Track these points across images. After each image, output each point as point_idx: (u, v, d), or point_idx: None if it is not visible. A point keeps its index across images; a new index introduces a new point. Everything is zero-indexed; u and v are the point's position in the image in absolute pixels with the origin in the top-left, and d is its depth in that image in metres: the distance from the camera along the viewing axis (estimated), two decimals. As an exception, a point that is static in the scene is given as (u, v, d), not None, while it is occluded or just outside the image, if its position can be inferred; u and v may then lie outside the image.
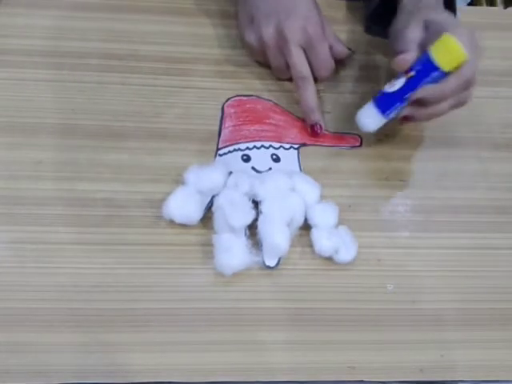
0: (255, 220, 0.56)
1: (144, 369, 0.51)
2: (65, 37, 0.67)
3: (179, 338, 0.53)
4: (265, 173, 0.60)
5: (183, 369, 0.52)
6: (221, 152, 0.62)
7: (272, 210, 0.56)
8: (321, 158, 0.63)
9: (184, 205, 0.56)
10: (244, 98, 0.65)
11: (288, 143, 0.63)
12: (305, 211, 0.57)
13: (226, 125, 0.63)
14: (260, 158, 0.61)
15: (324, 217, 0.57)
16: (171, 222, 0.57)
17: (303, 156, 0.63)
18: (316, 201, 0.58)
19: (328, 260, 0.57)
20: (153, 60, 0.66)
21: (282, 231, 0.55)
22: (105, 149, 0.61)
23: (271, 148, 0.62)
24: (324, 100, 0.66)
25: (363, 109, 0.59)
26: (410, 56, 0.56)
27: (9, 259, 0.54)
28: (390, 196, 0.62)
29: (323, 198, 0.59)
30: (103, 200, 0.58)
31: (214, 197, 0.57)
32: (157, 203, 0.57)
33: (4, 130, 0.60)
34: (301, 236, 0.58)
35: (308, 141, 0.63)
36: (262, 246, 0.55)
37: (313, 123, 0.63)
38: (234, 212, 0.55)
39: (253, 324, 0.54)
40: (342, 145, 0.64)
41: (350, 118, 0.64)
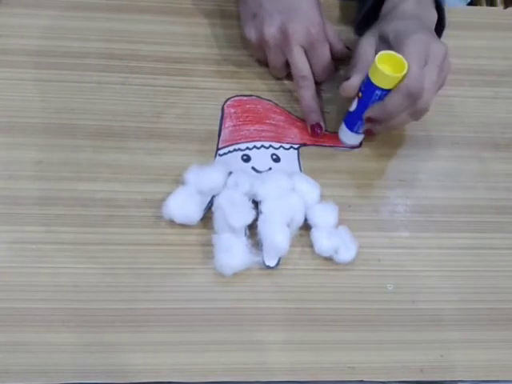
0: (255, 220, 0.56)
1: (144, 369, 0.51)
2: (65, 37, 0.67)
3: (179, 338, 0.53)
4: (265, 173, 0.60)
5: (183, 369, 0.52)
6: (221, 152, 0.62)
7: (272, 210, 0.56)
8: (321, 158, 0.63)
9: (184, 205, 0.56)
10: (244, 98, 0.65)
11: (288, 143, 0.63)
12: (305, 211, 0.57)
13: (226, 125, 0.63)
14: (260, 158, 0.61)
15: (324, 217, 0.57)
16: (171, 222, 0.57)
17: (303, 156, 0.63)
18: (316, 201, 0.58)
19: (328, 260, 0.57)
20: (153, 60, 0.66)
21: (282, 231, 0.55)
22: (105, 149, 0.61)
23: (271, 148, 0.62)
24: (324, 100, 0.66)
25: (340, 127, 0.63)
26: (355, 81, 0.58)
27: (9, 259, 0.54)
28: (390, 196, 0.62)
29: (323, 198, 0.59)
30: (103, 200, 0.58)
31: (214, 197, 0.57)
32: (157, 203, 0.57)
33: (4, 130, 0.60)
34: (301, 236, 0.58)
35: (308, 141, 0.63)
36: (262, 246, 0.55)
37: (313, 123, 0.63)
38: (234, 212, 0.55)
39: (253, 324, 0.54)
40: (342, 145, 0.64)
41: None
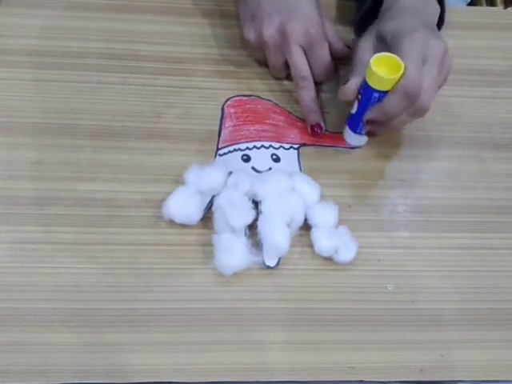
0: (255, 220, 0.56)
1: (144, 369, 0.51)
2: (65, 37, 0.67)
3: (179, 338, 0.53)
4: (265, 173, 0.60)
5: (183, 369, 0.52)
6: (221, 152, 0.61)
7: (272, 210, 0.56)
8: (321, 158, 0.63)
9: (184, 205, 0.56)
10: (244, 98, 0.65)
11: (288, 143, 0.63)
12: (305, 211, 0.57)
13: (226, 125, 0.63)
14: (260, 158, 0.61)
15: (324, 217, 0.57)
16: (171, 222, 0.57)
17: (303, 156, 0.63)
18: (316, 201, 0.58)
19: (328, 260, 0.57)
20: (153, 60, 0.66)
21: (282, 231, 0.55)
22: (105, 149, 0.61)
23: (271, 148, 0.62)
24: (324, 100, 0.66)
25: (344, 128, 0.63)
26: (352, 84, 0.57)
27: (9, 259, 0.54)
28: (390, 196, 0.62)
29: (323, 198, 0.59)
30: (103, 200, 0.58)
31: (214, 197, 0.57)
32: (157, 203, 0.57)
33: (4, 130, 0.60)
34: (301, 236, 0.58)
35: (308, 141, 0.63)
36: (262, 246, 0.55)
37: (313, 123, 0.63)
38: (234, 212, 0.55)
39: (253, 324, 0.54)
40: (342, 145, 0.64)
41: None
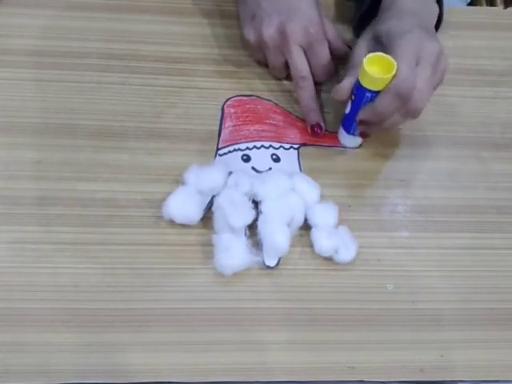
0: (255, 220, 0.56)
1: (144, 369, 0.51)
2: (65, 37, 0.67)
3: (179, 338, 0.53)
4: (265, 173, 0.60)
5: (183, 369, 0.52)
6: (221, 152, 0.61)
7: (272, 210, 0.56)
8: (321, 158, 0.63)
9: (184, 205, 0.56)
10: (244, 98, 0.65)
11: (288, 143, 0.63)
12: (305, 211, 0.57)
13: (226, 125, 0.63)
14: (260, 158, 0.61)
15: (324, 217, 0.57)
16: (171, 222, 0.57)
17: (303, 156, 0.63)
18: (316, 201, 0.58)
19: (328, 260, 0.57)
20: (153, 60, 0.66)
21: (282, 231, 0.55)
22: (105, 149, 0.61)
23: (271, 148, 0.62)
24: (324, 100, 0.66)
25: (339, 130, 0.63)
26: (346, 84, 0.57)
27: (9, 259, 0.54)
28: (390, 196, 0.62)
29: (323, 198, 0.59)
30: (103, 200, 0.58)
31: (214, 197, 0.57)
32: (157, 203, 0.57)
33: (4, 130, 0.60)
34: (301, 236, 0.58)
35: (308, 141, 0.63)
36: (262, 246, 0.55)
37: (313, 123, 0.63)
38: (234, 212, 0.55)
39: (253, 324, 0.54)
40: (341, 146, 0.64)
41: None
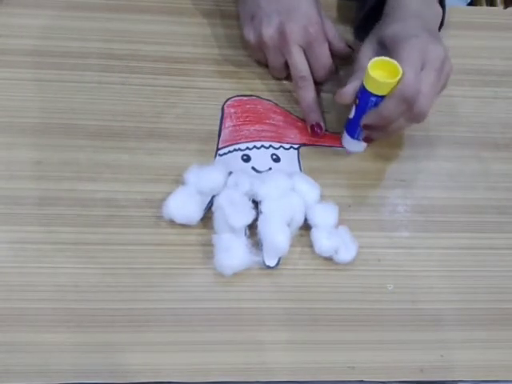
0: (255, 220, 0.56)
1: (144, 369, 0.51)
2: (65, 37, 0.67)
3: (179, 338, 0.53)
4: (265, 173, 0.60)
5: (183, 369, 0.52)
6: (221, 152, 0.61)
7: (272, 210, 0.56)
8: (321, 158, 0.63)
9: (184, 205, 0.56)
10: (244, 98, 0.65)
11: (288, 143, 0.63)
12: (305, 211, 0.57)
13: (226, 125, 0.63)
14: (260, 158, 0.61)
15: (324, 217, 0.57)
16: (171, 222, 0.57)
17: (303, 156, 0.63)
18: (316, 201, 0.58)
19: (328, 260, 0.57)
20: (153, 60, 0.66)
21: (282, 231, 0.55)
22: (105, 149, 0.61)
23: (271, 148, 0.62)
24: (324, 100, 0.66)
25: (342, 134, 0.63)
26: (350, 88, 0.57)
27: (9, 259, 0.54)
28: (390, 196, 0.62)
29: (323, 198, 0.59)
30: (103, 200, 0.58)
31: (214, 197, 0.57)
32: (157, 203, 0.57)
33: (4, 130, 0.60)
34: (301, 236, 0.58)
35: (308, 141, 0.63)
36: (262, 246, 0.55)
37: (313, 123, 0.63)
38: (234, 212, 0.55)
39: (253, 324, 0.54)
40: (342, 145, 0.64)
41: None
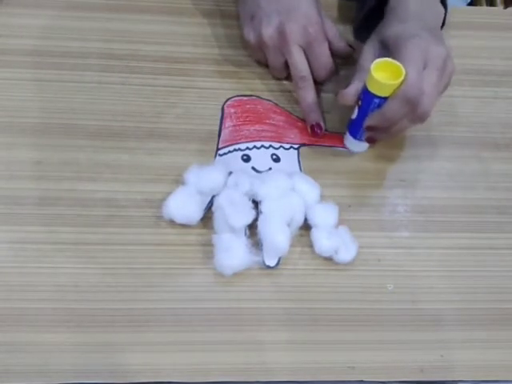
0: (255, 220, 0.56)
1: (144, 369, 0.51)
2: (65, 37, 0.67)
3: (179, 338, 0.53)
4: (265, 173, 0.60)
5: (183, 369, 0.52)
6: (221, 152, 0.61)
7: (272, 210, 0.56)
8: (321, 158, 0.63)
9: (184, 205, 0.56)
10: (244, 98, 0.65)
11: (288, 143, 0.63)
12: (305, 211, 0.57)
13: (226, 125, 0.63)
14: (260, 158, 0.61)
15: (324, 217, 0.57)
16: (171, 222, 0.57)
17: (303, 156, 0.63)
18: (316, 201, 0.58)
19: (328, 260, 0.57)
20: (153, 60, 0.66)
21: (283, 231, 0.55)
22: (105, 149, 0.61)
23: (271, 148, 0.62)
24: (324, 100, 0.66)
25: (345, 135, 0.63)
26: (352, 89, 0.57)
27: (9, 259, 0.54)
28: (390, 196, 0.62)
29: (323, 198, 0.59)
30: (103, 200, 0.58)
31: (214, 197, 0.57)
32: (157, 203, 0.57)
33: (4, 130, 0.60)
34: (301, 236, 0.58)
35: (308, 141, 0.63)
36: (262, 246, 0.55)
37: (312, 123, 0.63)
38: (234, 212, 0.55)
39: (253, 324, 0.54)
40: (342, 145, 0.64)
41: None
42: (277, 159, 0.62)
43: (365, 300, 0.56)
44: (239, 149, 0.61)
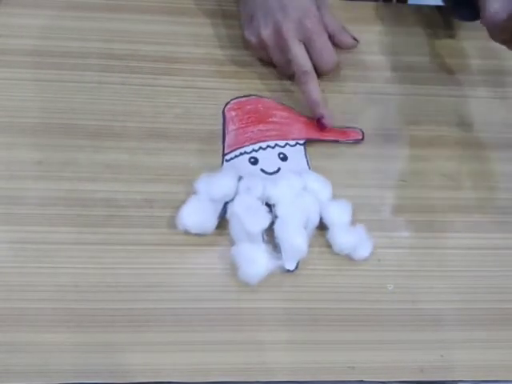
0: (271, 224, 0.55)
1: (144, 369, 0.51)
2: (65, 37, 0.67)
3: (179, 338, 0.53)
4: (275, 175, 0.59)
5: (183, 369, 0.52)
6: (227, 157, 0.61)
7: (287, 213, 0.55)
8: (320, 159, 0.63)
9: (197, 214, 0.56)
10: (243, 100, 0.65)
11: (293, 139, 0.62)
12: (319, 210, 0.57)
13: (230, 129, 0.63)
14: (267, 159, 0.61)
15: (339, 215, 0.57)
16: (171, 223, 0.56)
17: (303, 156, 0.63)
18: (329, 198, 0.58)
19: (328, 260, 0.57)
20: (153, 60, 0.66)
21: (300, 233, 0.55)
22: (105, 149, 0.61)
23: (277, 147, 0.62)
24: (324, 100, 0.66)
25: None
26: None
27: (9, 259, 0.54)
28: (390, 196, 0.62)
29: (324, 198, 0.59)
30: (103, 200, 0.58)
31: (227, 203, 0.56)
32: (157, 203, 0.57)
33: (4, 130, 0.60)
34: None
35: (313, 135, 0.63)
36: (281, 250, 0.55)
37: (319, 116, 0.62)
38: (250, 218, 0.55)
39: (253, 324, 0.54)
40: (345, 138, 0.63)
41: (350, 118, 0.65)
42: (284, 158, 0.61)
43: (365, 300, 0.56)
44: (245, 152, 0.61)
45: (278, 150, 0.62)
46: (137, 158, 0.60)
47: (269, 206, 0.57)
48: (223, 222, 0.56)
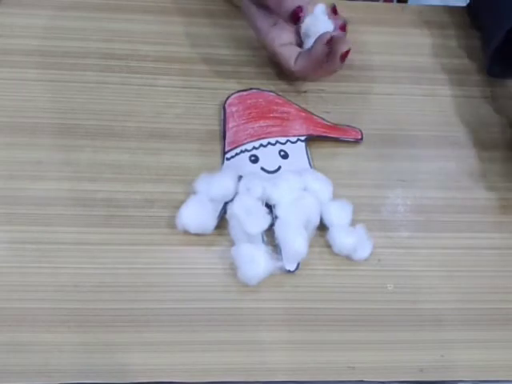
0: (271, 224, 0.55)
1: (144, 369, 0.51)
2: (65, 37, 0.67)
3: (179, 338, 0.53)
4: (276, 174, 0.59)
5: (183, 369, 0.52)
6: (228, 156, 0.61)
7: (288, 215, 0.55)
8: (321, 158, 0.63)
9: (197, 214, 0.56)
10: (244, 94, 0.64)
11: (294, 136, 0.62)
12: (320, 211, 0.57)
13: (230, 125, 0.62)
14: (268, 157, 0.60)
15: (340, 215, 0.57)
16: (171, 223, 0.56)
17: (303, 156, 0.63)
18: (329, 198, 0.58)
19: (328, 260, 0.57)
20: (153, 60, 0.66)
21: (301, 234, 0.55)
22: (105, 149, 0.61)
23: (278, 144, 0.61)
24: (324, 100, 0.66)
25: None
26: None
27: (9, 259, 0.54)
28: (390, 196, 0.62)
29: (323, 198, 0.59)
30: (103, 200, 0.58)
31: (227, 203, 0.56)
32: (157, 203, 0.57)
33: (4, 130, 0.60)
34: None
35: (314, 131, 0.63)
36: (281, 251, 0.55)
37: (293, 9, 0.57)
38: (250, 219, 0.54)
39: (253, 324, 0.54)
40: (346, 136, 0.63)
41: (350, 118, 0.65)
42: (285, 155, 0.61)
43: (365, 300, 0.56)
44: (246, 150, 0.61)
45: (279, 148, 0.61)
46: (137, 158, 0.60)
47: (269, 207, 0.56)
48: (223, 222, 0.57)
